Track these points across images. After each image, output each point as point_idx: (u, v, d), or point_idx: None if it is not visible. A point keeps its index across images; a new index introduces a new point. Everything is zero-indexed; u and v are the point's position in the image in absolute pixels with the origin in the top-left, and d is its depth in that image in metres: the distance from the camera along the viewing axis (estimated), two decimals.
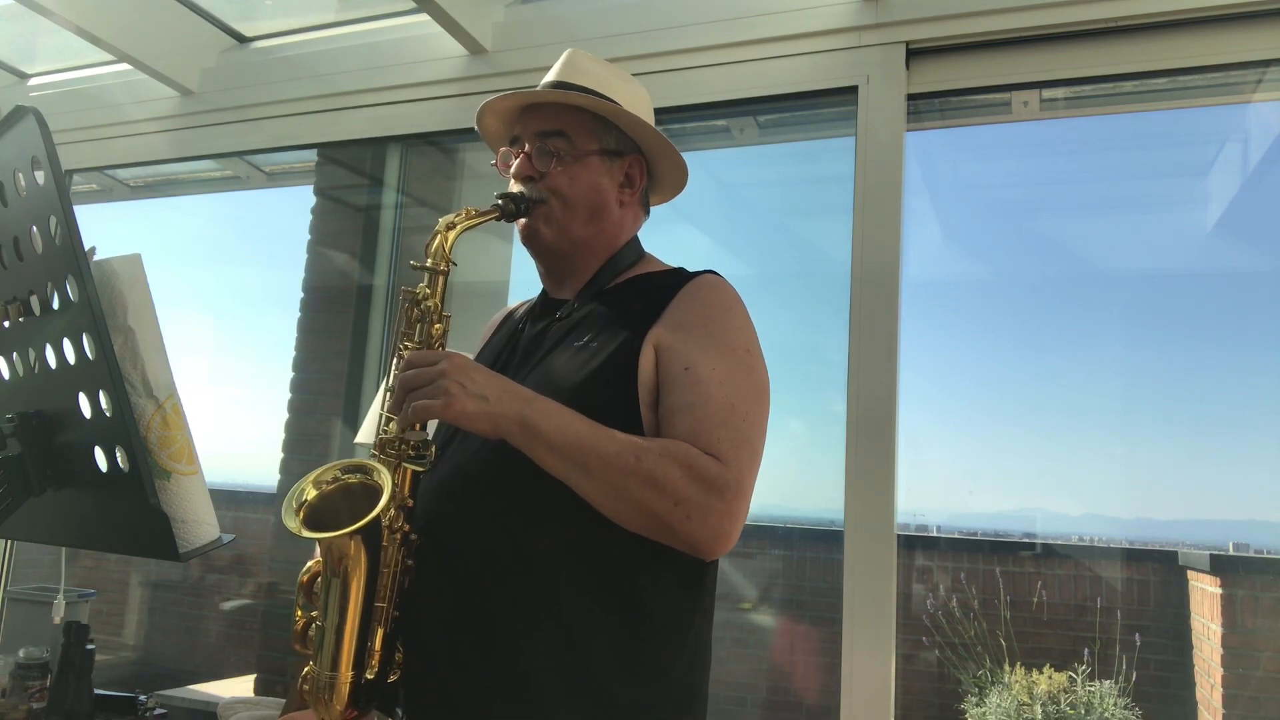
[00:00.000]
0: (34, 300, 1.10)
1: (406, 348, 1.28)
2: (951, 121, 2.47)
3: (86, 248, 1.04)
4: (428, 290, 1.29)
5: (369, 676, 1.21)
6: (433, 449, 1.25)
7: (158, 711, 2.52)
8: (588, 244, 1.41)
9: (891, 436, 2.05)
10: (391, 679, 1.24)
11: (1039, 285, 4.38)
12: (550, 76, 1.45)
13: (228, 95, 3.03)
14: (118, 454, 1.03)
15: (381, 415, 1.27)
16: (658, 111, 1.52)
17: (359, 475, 1.21)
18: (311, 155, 3.60)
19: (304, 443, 3.58)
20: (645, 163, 1.46)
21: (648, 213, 1.52)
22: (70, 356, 1.06)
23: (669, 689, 1.24)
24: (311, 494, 1.20)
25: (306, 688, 1.20)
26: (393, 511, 1.22)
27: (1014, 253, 4.38)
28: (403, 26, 2.81)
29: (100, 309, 1.02)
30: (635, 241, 1.48)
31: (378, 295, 3.49)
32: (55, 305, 1.07)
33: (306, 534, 1.14)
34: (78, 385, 1.06)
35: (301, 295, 3.66)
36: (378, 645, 1.22)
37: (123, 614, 5.00)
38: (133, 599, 5.04)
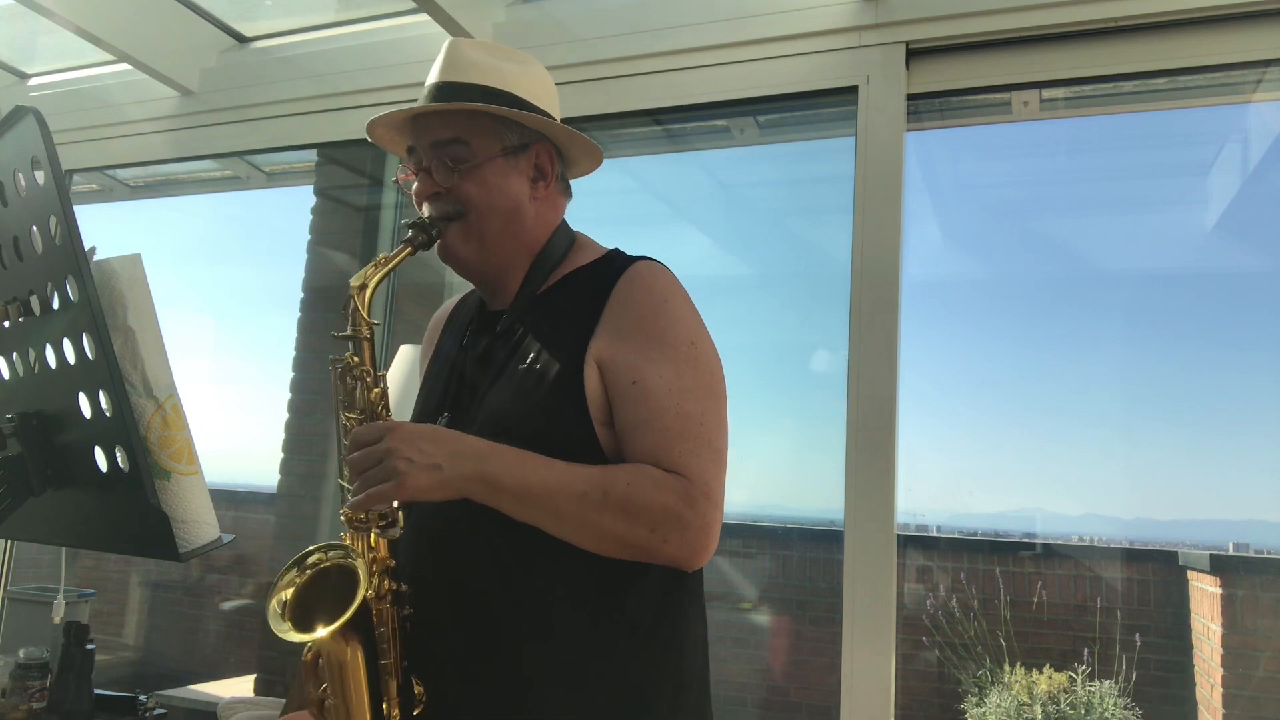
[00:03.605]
0: (34, 300, 1.10)
1: (350, 419, 1.25)
2: (951, 121, 2.47)
3: (86, 248, 1.04)
4: (356, 359, 1.26)
5: None
6: (399, 514, 1.22)
7: (158, 711, 2.52)
8: (510, 250, 1.34)
9: (891, 436, 2.05)
10: (416, 712, 1.24)
11: (1039, 285, 4.39)
12: (434, 76, 1.35)
13: (227, 95, 3.03)
14: (118, 454, 1.03)
15: (343, 487, 1.24)
16: (658, 112, 1.50)
17: (329, 556, 1.23)
18: (311, 155, 3.60)
19: (304, 443, 3.57)
20: (554, 147, 1.38)
21: (569, 194, 1.43)
22: (70, 356, 1.06)
23: (662, 696, 1.24)
24: (289, 594, 1.21)
25: None
26: (376, 580, 1.22)
27: (1014, 253, 4.39)
28: (403, 26, 2.80)
29: (100, 309, 1.02)
30: (563, 228, 1.40)
31: (378, 296, 3.47)
32: (55, 305, 1.07)
33: (296, 637, 1.16)
34: (78, 385, 1.06)
35: (301, 295, 3.66)
36: (394, 694, 1.22)
37: (123, 614, 5.00)
38: (133, 599, 5.04)
